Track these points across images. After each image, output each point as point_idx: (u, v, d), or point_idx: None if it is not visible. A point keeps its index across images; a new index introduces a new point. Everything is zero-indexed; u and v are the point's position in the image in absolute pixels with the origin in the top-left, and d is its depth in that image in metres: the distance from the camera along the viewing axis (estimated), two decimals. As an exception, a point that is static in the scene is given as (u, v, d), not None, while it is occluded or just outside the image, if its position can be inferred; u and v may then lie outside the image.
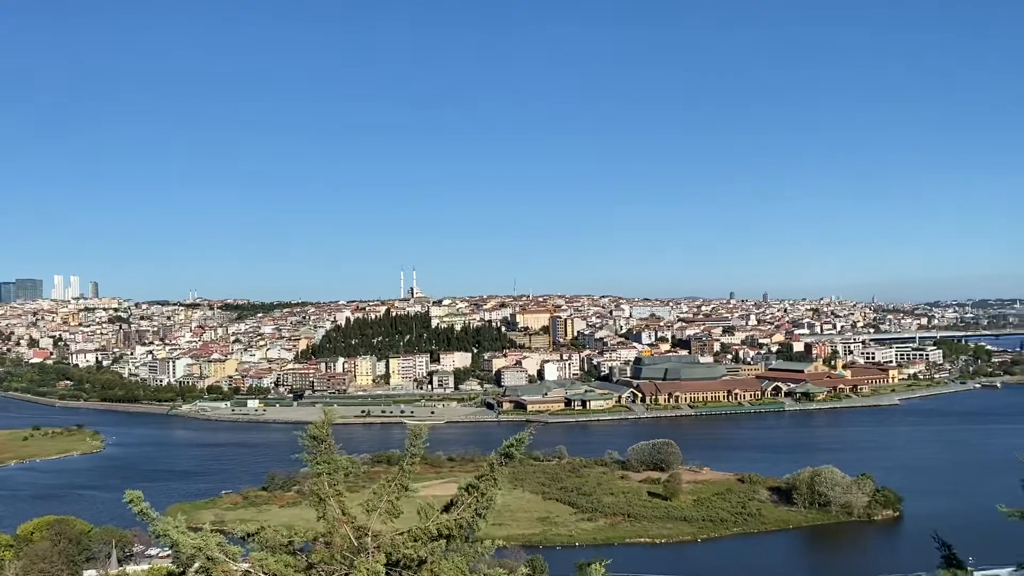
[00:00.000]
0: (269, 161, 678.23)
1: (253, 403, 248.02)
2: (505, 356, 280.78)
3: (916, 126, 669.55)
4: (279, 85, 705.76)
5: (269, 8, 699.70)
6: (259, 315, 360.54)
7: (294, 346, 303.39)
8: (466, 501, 11.13)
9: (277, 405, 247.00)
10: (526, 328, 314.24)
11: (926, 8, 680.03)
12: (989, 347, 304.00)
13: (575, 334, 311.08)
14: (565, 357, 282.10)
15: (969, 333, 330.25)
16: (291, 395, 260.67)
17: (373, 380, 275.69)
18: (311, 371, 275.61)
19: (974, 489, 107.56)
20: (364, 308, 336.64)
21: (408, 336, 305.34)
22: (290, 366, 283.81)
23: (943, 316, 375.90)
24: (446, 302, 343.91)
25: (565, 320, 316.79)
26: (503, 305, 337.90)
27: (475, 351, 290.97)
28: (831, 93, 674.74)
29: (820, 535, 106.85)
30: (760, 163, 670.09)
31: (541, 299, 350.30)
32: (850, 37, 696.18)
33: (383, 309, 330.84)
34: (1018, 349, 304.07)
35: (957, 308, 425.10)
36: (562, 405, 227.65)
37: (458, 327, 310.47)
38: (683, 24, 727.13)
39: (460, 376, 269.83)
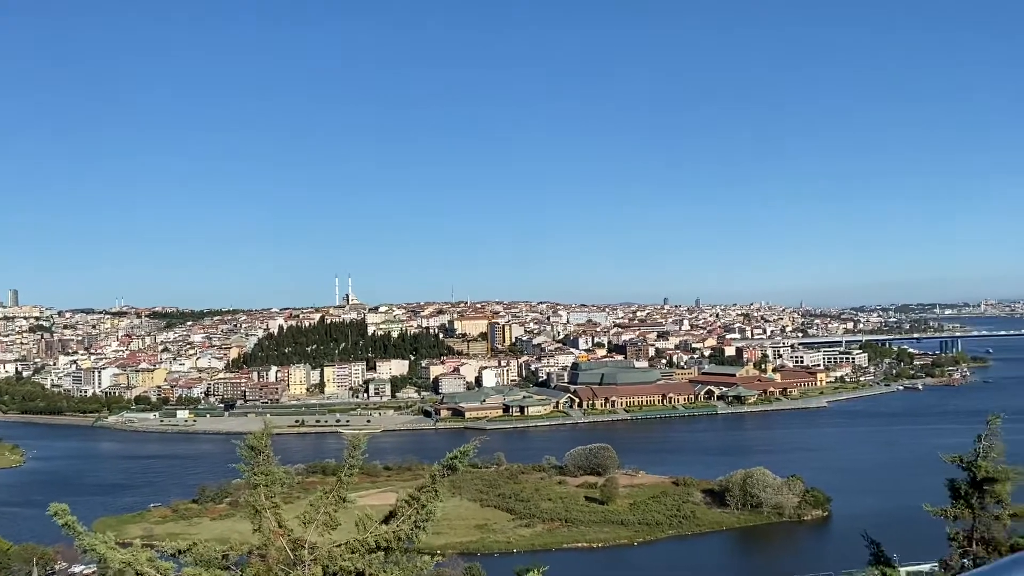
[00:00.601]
0: (195, 162, 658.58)
1: (183, 414, 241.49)
2: (443, 363, 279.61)
3: (841, 131, 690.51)
4: (205, 84, 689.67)
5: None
6: (189, 323, 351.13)
7: (225, 355, 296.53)
8: (406, 513, 11.00)
9: (208, 416, 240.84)
10: (464, 335, 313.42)
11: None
12: (911, 350, 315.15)
13: (513, 340, 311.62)
14: (503, 363, 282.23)
15: (892, 337, 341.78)
16: (222, 405, 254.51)
17: (307, 389, 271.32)
18: (243, 380, 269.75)
19: (900, 488, 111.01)
20: (298, 315, 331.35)
21: (343, 344, 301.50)
22: (221, 375, 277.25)
23: (868, 320, 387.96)
24: (383, 309, 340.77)
25: (503, 326, 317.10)
26: (441, 312, 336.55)
27: (412, 358, 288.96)
28: (769, 95, 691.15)
29: (752, 536, 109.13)
30: (686, 171, 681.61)
31: (479, 305, 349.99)
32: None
33: (317, 316, 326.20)
34: (938, 352, 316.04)
35: (881, 312, 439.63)
36: (500, 411, 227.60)
37: (395, 334, 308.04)
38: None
39: (397, 384, 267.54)
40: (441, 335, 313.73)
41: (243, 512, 11.32)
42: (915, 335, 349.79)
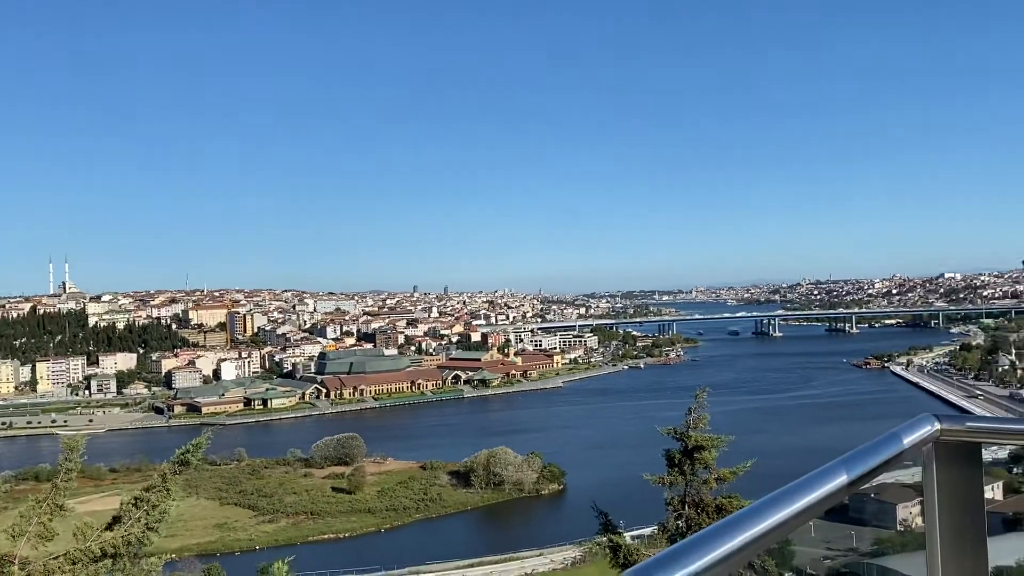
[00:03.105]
0: None
1: None
2: (177, 356, 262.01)
3: (572, 130, 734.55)
4: None
5: None
6: None
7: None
8: (134, 515, 10.22)
9: None
10: (200, 325, 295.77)
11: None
12: (635, 333, 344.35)
13: (256, 330, 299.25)
14: (245, 355, 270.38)
15: (619, 321, 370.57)
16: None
17: (16, 387, 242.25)
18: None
19: (626, 460, 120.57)
20: (3, 305, 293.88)
21: (60, 336, 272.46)
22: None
23: (598, 306, 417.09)
24: (106, 298, 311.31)
25: (244, 316, 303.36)
26: (174, 301, 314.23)
27: (142, 351, 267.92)
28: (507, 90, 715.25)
29: (495, 513, 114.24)
30: (432, 160, 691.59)
31: (218, 294, 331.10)
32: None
33: (28, 306, 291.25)
34: (657, 334, 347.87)
35: (609, 299, 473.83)
36: (241, 405, 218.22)
37: (121, 325, 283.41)
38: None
39: (124, 379, 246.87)
40: (175, 326, 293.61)
41: (-66, 531, 9.89)
42: (638, 319, 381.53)
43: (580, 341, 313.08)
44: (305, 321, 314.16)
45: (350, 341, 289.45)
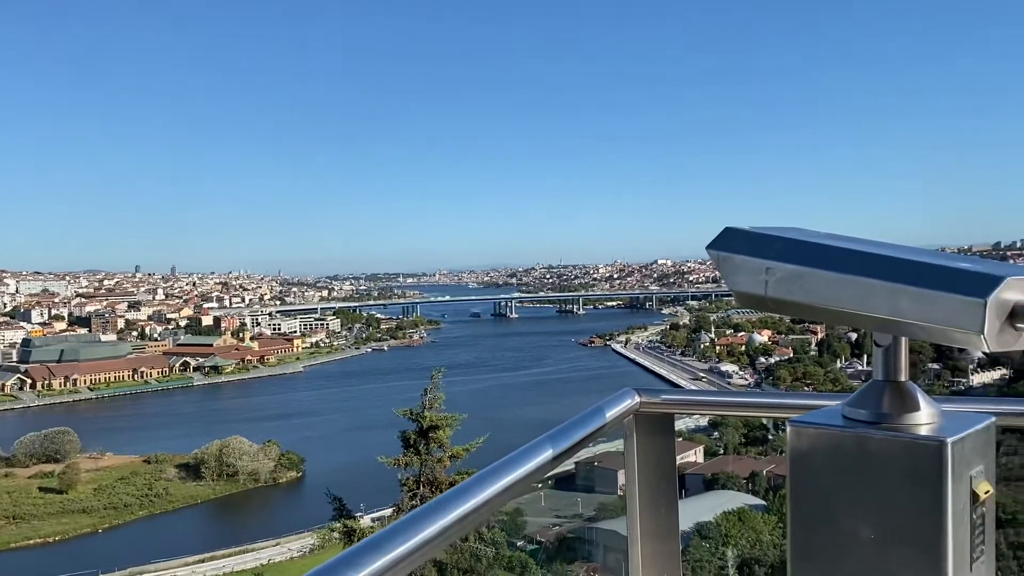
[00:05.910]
0: None
1: None
2: None
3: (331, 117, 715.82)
4: None
5: None
6: None
7: None
8: None
9: None
10: None
11: None
12: (379, 315, 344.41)
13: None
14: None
15: (363, 303, 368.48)
16: None
17: None
18: None
19: (368, 443, 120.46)
20: None
21: None
22: None
23: (341, 288, 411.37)
24: None
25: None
26: None
27: None
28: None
29: (228, 505, 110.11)
30: (160, 130, 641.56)
31: None
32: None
33: None
34: (401, 316, 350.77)
35: (353, 281, 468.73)
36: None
37: None
38: None
39: None
40: None
41: None
42: (382, 302, 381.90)
43: (322, 324, 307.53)
44: (5, 304, 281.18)
45: (61, 326, 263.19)
